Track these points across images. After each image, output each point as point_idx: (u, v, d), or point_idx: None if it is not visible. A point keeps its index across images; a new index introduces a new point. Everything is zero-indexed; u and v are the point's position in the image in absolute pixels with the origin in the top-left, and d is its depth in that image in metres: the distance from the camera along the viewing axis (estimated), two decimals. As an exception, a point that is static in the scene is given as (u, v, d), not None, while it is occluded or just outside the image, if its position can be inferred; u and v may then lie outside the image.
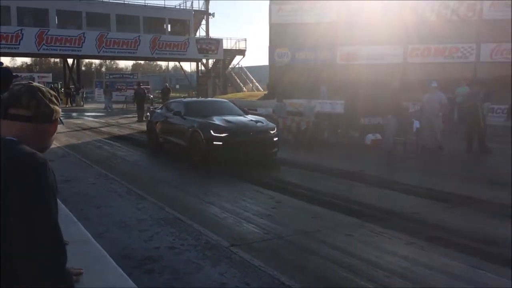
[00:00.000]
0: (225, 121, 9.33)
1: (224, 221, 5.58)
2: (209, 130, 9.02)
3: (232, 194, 7.20)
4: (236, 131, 9.06)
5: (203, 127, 9.19)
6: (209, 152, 8.94)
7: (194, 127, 9.37)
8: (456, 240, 4.77)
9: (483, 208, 6.06)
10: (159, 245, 4.63)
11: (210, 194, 7.13)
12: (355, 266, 4.10)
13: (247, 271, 3.96)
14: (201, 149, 9.08)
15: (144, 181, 7.99)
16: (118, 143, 13.33)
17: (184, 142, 9.77)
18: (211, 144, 8.88)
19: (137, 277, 3.77)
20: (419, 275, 3.90)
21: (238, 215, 5.82)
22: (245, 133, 9.16)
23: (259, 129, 9.43)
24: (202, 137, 9.02)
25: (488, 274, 3.93)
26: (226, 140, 8.86)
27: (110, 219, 5.54)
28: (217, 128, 9.05)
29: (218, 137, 8.90)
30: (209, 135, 8.94)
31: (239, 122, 9.54)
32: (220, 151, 8.85)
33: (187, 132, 9.55)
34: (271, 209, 6.12)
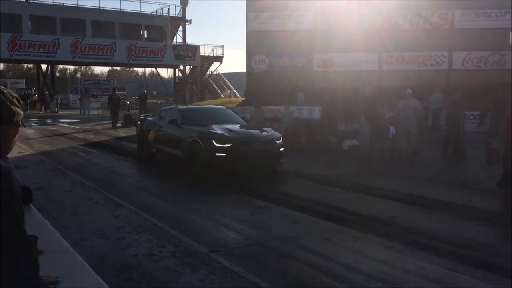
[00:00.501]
0: (228, 130, 8.64)
1: (203, 227, 5.54)
2: (211, 140, 8.27)
3: (211, 200, 7.17)
4: (241, 141, 8.38)
5: (204, 137, 8.45)
6: (211, 164, 8.20)
7: (193, 137, 8.59)
8: (433, 243, 4.85)
9: (458, 212, 6.18)
10: (137, 252, 4.56)
11: (189, 201, 7.07)
12: (334, 270, 4.12)
13: (226, 278, 3.93)
14: (201, 161, 8.33)
15: (121, 188, 7.87)
16: (94, 150, 13.11)
17: (181, 153, 8.96)
18: (213, 156, 8.13)
19: (116, 286, 3.70)
20: (397, 279, 3.94)
21: (218, 222, 5.79)
22: (250, 143, 8.47)
23: (265, 138, 8.73)
24: (203, 148, 8.28)
25: (464, 276, 4.00)
26: (230, 151, 8.13)
27: (87, 227, 5.43)
28: (220, 138, 8.31)
29: (221, 148, 8.15)
30: (211, 145, 8.18)
31: (244, 132, 8.93)
32: (223, 163, 8.14)
33: (185, 143, 8.76)
34: (251, 215, 6.10)
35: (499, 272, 4.09)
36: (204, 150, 8.25)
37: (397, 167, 10.30)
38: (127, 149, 13.39)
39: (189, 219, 5.95)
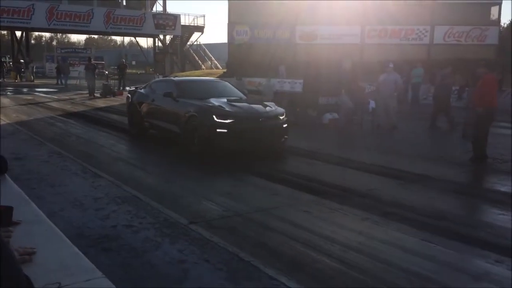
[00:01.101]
0: (229, 105, 8.13)
1: (183, 199, 5.54)
2: (211, 115, 7.74)
3: (192, 173, 7.17)
4: (244, 117, 7.85)
5: (204, 111, 7.91)
6: (211, 141, 7.72)
7: (191, 112, 8.05)
8: (409, 215, 4.96)
9: (433, 185, 6.32)
10: (116, 223, 4.55)
11: (168, 172, 7.05)
12: (312, 241, 4.19)
13: (206, 248, 3.96)
14: (200, 137, 7.84)
15: (100, 159, 7.79)
16: (72, 120, 12.90)
17: (177, 128, 8.42)
18: (213, 132, 7.64)
19: (94, 256, 3.70)
20: (373, 249, 4.03)
21: (198, 194, 5.80)
22: (254, 119, 7.95)
23: (269, 114, 8.20)
24: (202, 123, 7.79)
25: (438, 247, 4.12)
26: (232, 127, 7.63)
27: (65, 198, 5.38)
28: (221, 113, 7.78)
29: (222, 124, 7.63)
30: (212, 121, 7.66)
31: (246, 107, 8.28)
32: (223, 140, 7.65)
33: (182, 117, 8.21)
34: (230, 186, 6.13)
35: (471, 242, 4.22)
36: (204, 125, 7.77)
37: (376, 140, 10.42)
38: (106, 120, 13.21)
39: (169, 191, 5.94)
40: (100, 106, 17.41)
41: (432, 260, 3.83)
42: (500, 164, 7.66)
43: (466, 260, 3.87)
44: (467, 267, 3.73)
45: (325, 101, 12.59)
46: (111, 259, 3.72)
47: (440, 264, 3.76)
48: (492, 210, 5.25)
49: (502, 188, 6.14)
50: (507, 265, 3.74)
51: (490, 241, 4.25)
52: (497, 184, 6.39)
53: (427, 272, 3.61)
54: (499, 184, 6.37)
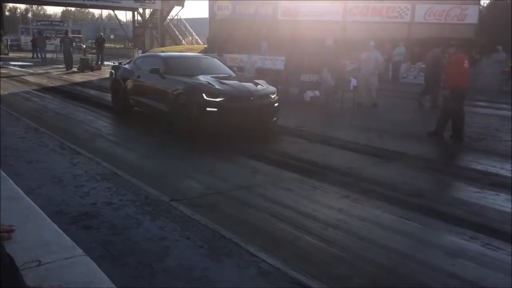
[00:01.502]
0: (219, 83, 7.83)
1: (164, 176, 5.52)
2: (201, 93, 7.46)
3: (174, 151, 7.12)
4: (235, 95, 7.60)
5: (193, 89, 7.63)
6: (200, 120, 7.48)
7: (179, 89, 7.77)
8: (387, 193, 5.05)
9: (412, 163, 6.42)
10: (96, 200, 4.51)
11: (149, 149, 6.99)
12: (293, 218, 4.23)
13: (187, 225, 3.97)
14: (189, 116, 7.57)
15: (79, 135, 7.66)
16: (49, 95, 12.61)
17: (165, 107, 8.13)
18: (203, 111, 7.37)
19: (73, 233, 3.66)
20: (352, 226, 4.10)
21: (179, 171, 5.78)
22: (245, 97, 7.68)
23: (260, 93, 7.94)
24: (192, 101, 7.51)
25: (415, 224, 4.21)
26: (222, 106, 7.38)
27: (43, 175, 5.29)
28: (211, 91, 7.50)
29: (212, 102, 7.36)
30: (201, 99, 7.39)
31: (237, 85, 8.01)
32: (213, 119, 7.40)
33: (170, 95, 7.94)
34: (212, 164, 6.12)
35: (447, 220, 4.33)
36: (193, 104, 7.50)
37: (356, 118, 10.49)
38: (85, 95, 12.97)
39: (150, 168, 5.90)
40: (77, 81, 17.05)
41: (410, 237, 3.92)
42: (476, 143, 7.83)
43: (443, 237, 3.97)
44: (443, 244, 3.83)
45: (307, 78, 12.57)
46: (91, 236, 3.70)
47: (417, 241, 3.85)
48: (468, 188, 5.37)
49: (478, 167, 6.27)
50: (481, 241, 3.85)
51: (466, 218, 4.37)
52: (473, 163, 6.53)
53: (405, 248, 3.70)
54: (475, 163, 6.50)
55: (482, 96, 14.39)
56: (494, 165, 6.39)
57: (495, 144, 7.80)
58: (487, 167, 6.26)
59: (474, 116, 10.94)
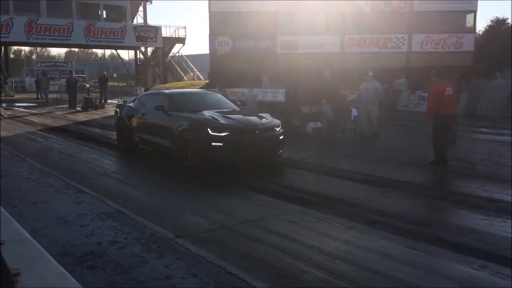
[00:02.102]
0: (224, 117, 7.83)
1: (168, 212, 5.51)
2: (206, 128, 7.45)
3: (177, 186, 7.13)
4: (239, 129, 7.59)
5: (198, 125, 7.63)
6: (205, 155, 7.45)
7: (184, 125, 7.80)
8: (393, 223, 5.02)
9: (416, 191, 6.40)
10: (101, 240, 4.50)
11: (153, 185, 7.00)
12: (299, 252, 4.20)
13: (193, 262, 3.94)
14: (194, 152, 7.55)
15: (83, 174, 7.69)
16: (53, 135, 12.73)
17: (170, 143, 8.13)
18: (208, 146, 7.36)
19: (79, 274, 3.65)
20: (359, 258, 4.06)
21: (183, 206, 5.77)
22: (250, 131, 7.68)
23: (265, 126, 7.94)
24: (197, 137, 7.50)
25: (422, 253, 4.17)
26: (227, 140, 7.38)
27: (48, 215, 5.30)
28: (215, 125, 7.50)
29: (217, 137, 7.35)
30: (206, 134, 7.38)
31: (241, 118, 8.00)
32: (219, 153, 7.39)
33: (175, 131, 7.94)
34: (216, 199, 6.11)
35: (455, 248, 4.28)
36: (198, 139, 7.48)
37: (358, 148, 10.53)
38: (89, 134, 13.09)
39: (154, 205, 5.90)
40: (81, 120, 17.23)
41: (418, 267, 3.87)
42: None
43: (451, 266, 3.92)
44: (452, 273, 3.78)
45: (307, 110, 12.69)
46: (97, 276, 3.68)
47: (425, 271, 3.81)
48: (474, 216, 5.33)
49: (483, 194, 6.24)
50: (491, 270, 3.80)
51: (474, 246, 4.32)
52: (478, 190, 6.50)
53: (413, 279, 3.65)
54: (481, 190, 6.48)
55: (483, 122, 14.45)
56: (500, 191, 6.36)
57: (499, 170, 7.78)
58: (492, 193, 6.24)
59: (477, 143, 10.97)
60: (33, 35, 34.80)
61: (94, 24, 37.48)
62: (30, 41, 35.97)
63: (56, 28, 35.62)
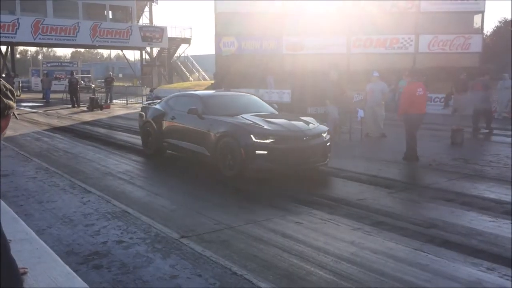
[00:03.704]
0: (267, 122, 7.24)
1: (173, 213, 5.50)
2: (248, 134, 6.84)
3: (180, 185, 7.13)
4: (286, 136, 6.99)
5: (239, 130, 7.03)
6: (248, 164, 6.84)
7: (222, 131, 7.23)
8: (399, 224, 4.98)
9: (422, 193, 6.36)
10: (107, 239, 4.50)
11: (158, 185, 7.00)
12: (304, 253, 4.18)
13: (198, 263, 3.93)
14: (236, 160, 6.95)
15: (89, 174, 7.71)
16: (59, 135, 12.78)
17: (205, 150, 7.56)
18: (251, 154, 6.75)
19: (84, 273, 3.65)
20: (365, 260, 4.03)
21: (188, 206, 5.77)
22: (298, 138, 7.06)
23: (313, 132, 7.32)
24: (238, 144, 6.88)
25: (429, 255, 4.13)
26: (273, 148, 6.78)
27: (53, 215, 5.31)
28: (260, 131, 6.90)
29: (262, 144, 6.76)
30: (249, 141, 6.78)
31: (287, 124, 7.38)
32: (263, 162, 6.79)
33: (212, 137, 7.37)
34: (221, 198, 6.10)
35: (462, 250, 4.25)
36: (239, 147, 6.84)
37: (365, 149, 10.48)
38: (94, 134, 13.12)
39: (159, 205, 5.89)
40: (87, 120, 17.29)
41: (425, 269, 3.84)
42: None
43: (458, 268, 3.88)
44: (459, 275, 3.74)
45: (313, 110, 12.63)
46: (102, 276, 3.67)
47: (432, 273, 3.77)
48: (481, 217, 5.28)
49: (491, 195, 6.20)
50: (498, 272, 3.77)
51: (481, 248, 4.28)
52: (486, 191, 6.45)
53: (420, 281, 3.62)
54: (488, 191, 6.43)
55: (491, 123, 14.34)
56: (507, 193, 6.31)
57: (507, 171, 7.72)
58: (500, 195, 6.19)
59: (484, 144, 10.89)
60: (39, 35, 34.99)
61: (100, 24, 37.63)
62: (36, 41, 36.18)
63: (62, 29, 35.80)
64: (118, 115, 19.47)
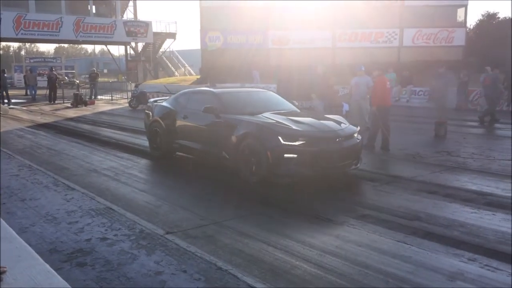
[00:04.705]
0: (294, 122, 6.55)
1: (158, 209, 5.48)
2: (276, 136, 6.16)
3: (167, 181, 7.10)
4: (318, 137, 6.31)
5: (265, 131, 6.34)
6: (275, 169, 6.18)
7: (245, 132, 6.54)
8: (383, 217, 5.03)
9: (406, 186, 6.42)
10: (90, 236, 4.46)
11: (143, 182, 6.96)
12: (290, 247, 4.20)
13: (183, 258, 3.92)
14: (262, 165, 6.24)
15: (72, 170, 7.63)
16: (42, 132, 12.62)
17: (224, 153, 6.89)
18: (280, 158, 6.10)
19: (68, 271, 3.62)
20: (350, 252, 4.07)
21: (174, 202, 5.74)
22: (330, 139, 6.40)
23: (345, 132, 6.64)
24: (264, 146, 6.21)
25: (412, 247, 4.18)
26: (303, 151, 6.11)
27: (36, 212, 5.25)
28: (288, 132, 6.22)
29: (291, 147, 6.09)
30: (277, 144, 6.10)
31: (317, 123, 6.70)
32: (292, 167, 6.13)
33: (232, 139, 6.68)
34: (206, 194, 6.09)
35: (443, 241, 4.31)
36: (266, 150, 6.18)
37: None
38: (78, 131, 12.98)
39: (144, 201, 5.86)
40: (71, 116, 17.10)
41: (408, 261, 3.88)
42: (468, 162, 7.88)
43: (441, 259, 3.93)
44: (441, 266, 3.79)
45: (299, 105, 12.65)
46: (86, 274, 3.64)
47: (415, 264, 3.82)
48: (464, 209, 5.36)
49: (473, 187, 6.29)
50: (480, 263, 3.83)
51: (463, 240, 4.35)
52: (468, 183, 6.54)
53: (403, 273, 3.66)
54: (470, 183, 6.52)
55: (473, 116, 14.55)
56: (489, 184, 6.41)
57: (489, 163, 7.84)
58: (482, 187, 6.28)
59: (467, 136, 11.05)
60: (22, 31, 34.42)
61: (84, 19, 37.13)
62: (18, 37, 35.57)
63: (45, 24, 35.25)
64: (103, 111, 19.28)
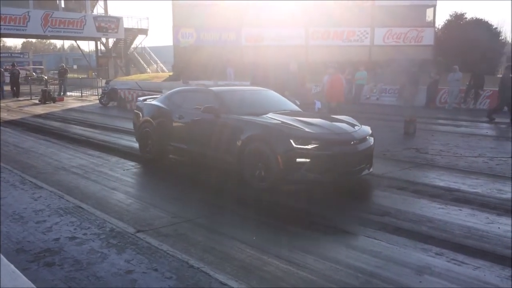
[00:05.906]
0: (304, 123, 6.11)
1: (129, 207, 5.40)
2: (287, 139, 5.69)
3: (136, 179, 7.01)
4: (332, 140, 5.89)
5: (274, 133, 5.88)
6: (286, 174, 5.71)
7: (251, 134, 6.06)
8: (354, 213, 5.11)
9: (376, 182, 6.53)
10: (59, 236, 4.37)
11: (113, 179, 6.85)
12: (262, 244, 4.21)
13: (154, 257, 3.89)
14: (271, 170, 5.78)
15: (40, 168, 7.45)
16: (9, 129, 12.26)
17: (228, 156, 6.40)
18: (292, 163, 5.63)
19: (35, 271, 3.54)
20: (321, 248, 4.11)
21: (145, 201, 5.68)
22: (345, 142, 5.99)
23: (360, 135, 6.24)
24: (274, 150, 5.74)
25: (382, 242, 4.26)
26: (317, 155, 5.65)
27: (3, 212, 5.10)
28: (301, 135, 5.76)
29: (303, 151, 5.62)
30: (289, 147, 5.63)
31: (329, 125, 6.32)
32: (305, 172, 5.65)
33: (236, 142, 6.19)
34: (179, 192, 6.05)
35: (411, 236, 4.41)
36: (275, 154, 5.71)
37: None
38: (46, 128, 12.68)
39: (114, 199, 5.77)
40: (39, 113, 16.69)
41: (377, 255, 3.96)
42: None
43: (409, 254, 4.02)
44: (409, 261, 3.88)
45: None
46: (54, 274, 3.57)
47: (384, 259, 3.89)
48: (431, 205, 5.49)
49: (440, 183, 6.44)
50: (446, 257, 3.93)
51: (431, 235, 4.46)
52: (436, 179, 6.70)
53: (373, 267, 3.72)
54: (438, 179, 6.68)
55: (442, 114, 14.92)
56: (456, 181, 6.59)
57: (456, 160, 8.05)
58: (449, 183, 6.45)
59: (435, 134, 11.31)
60: (-13, 24, 33.36)
61: (52, 14, 36.26)
62: (-16, 31, 34.47)
63: (12, 18, 34.25)
64: (72, 108, 18.88)
